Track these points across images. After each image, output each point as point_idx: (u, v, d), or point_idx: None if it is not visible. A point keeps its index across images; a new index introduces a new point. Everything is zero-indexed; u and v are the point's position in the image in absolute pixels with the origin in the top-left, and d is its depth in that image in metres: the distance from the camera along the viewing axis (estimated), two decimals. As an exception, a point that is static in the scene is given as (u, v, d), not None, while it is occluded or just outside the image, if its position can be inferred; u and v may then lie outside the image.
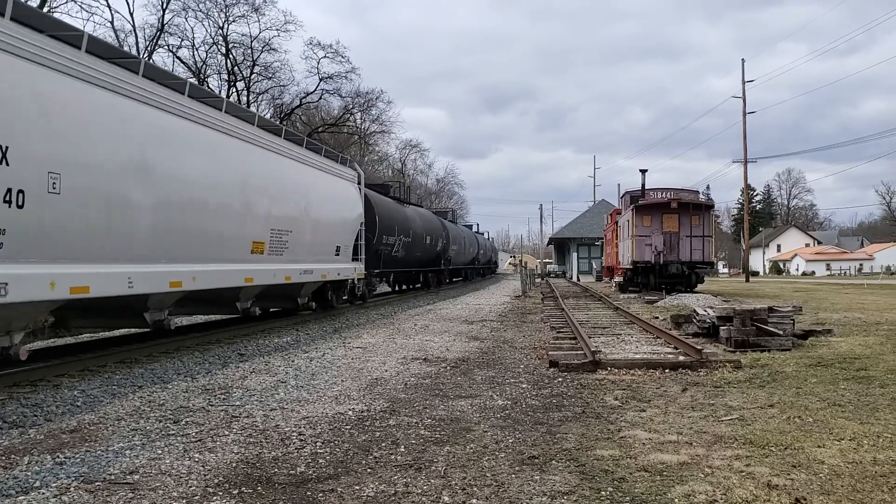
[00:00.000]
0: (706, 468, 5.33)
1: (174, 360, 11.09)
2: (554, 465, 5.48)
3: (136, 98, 10.19)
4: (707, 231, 29.03)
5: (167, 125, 10.92)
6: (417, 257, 31.29)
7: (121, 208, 9.60)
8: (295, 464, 5.56)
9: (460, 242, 43.67)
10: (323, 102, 50.01)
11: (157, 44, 39.08)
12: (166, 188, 10.70)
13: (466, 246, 46.94)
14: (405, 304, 24.93)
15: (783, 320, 12.61)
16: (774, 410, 7.31)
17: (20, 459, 5.70)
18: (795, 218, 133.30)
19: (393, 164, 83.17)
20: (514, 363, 10.80)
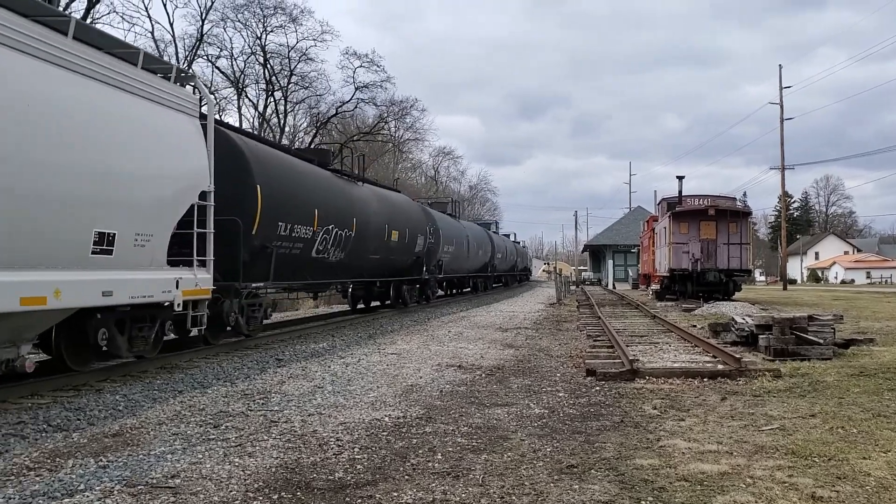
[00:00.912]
0: (748, 478, 5.25)
1: (213, 366, 11.22)
2: (593, 474, 5.45)
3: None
4: (745, 238, 28.67)
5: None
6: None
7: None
8: (333, 469, 5.59)
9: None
10: (358, 111, 50.33)
11: (197, 54, 39.63)
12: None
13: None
14: (438, 311, 24.95)
15: (823, 329, 12.42)
16: (816, 420, 7.20)
17: (65, 462, 5.81)
18: (834, 225, 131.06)
19: (426, 172, 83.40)
20: (550, 371, 10.75)
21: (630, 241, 64.26)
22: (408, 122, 57.23)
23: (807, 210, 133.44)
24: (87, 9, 29.72)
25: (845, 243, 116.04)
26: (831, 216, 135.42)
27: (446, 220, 31.61)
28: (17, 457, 5.99)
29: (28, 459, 5.90)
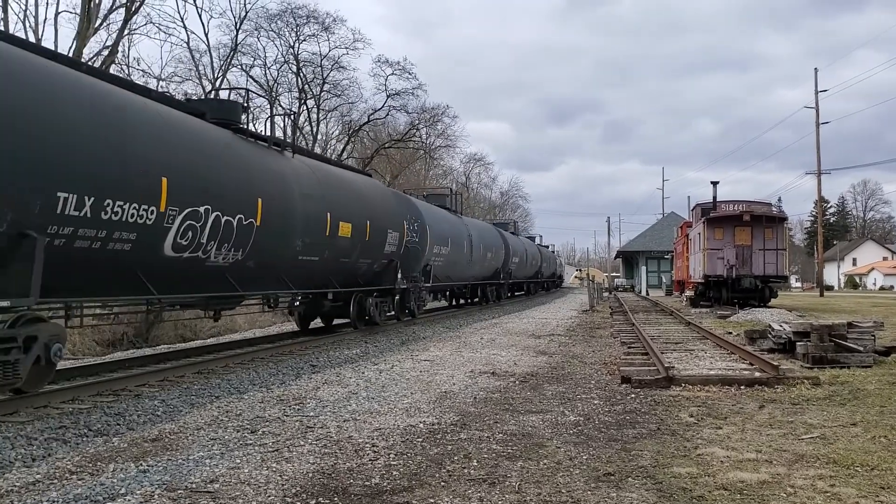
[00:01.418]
0: (788, 488, 5.18)
1: (249, 371, 11.32)
2: (630, 482, 5.41)
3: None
4: (780, 244, 28.28)
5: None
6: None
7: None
8: (370, 475, 5.61)
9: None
10: (390, 118, 50.42)
11: (231, 63, 40.09)
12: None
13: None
14: (470, 318, 24.93)
15: (863, 336, 12.22)
16: (857, 429, 7.08)
17: (105, 466, 5.90)
18: (872, 231, 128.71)
19: (457, 178, 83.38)
20: (584, 378, 10.70)
21: (663, 248, 63.67)
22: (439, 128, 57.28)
23: (844, 215, 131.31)
24: (125, 20, 30.21)
25: (884, 249, 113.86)
26: (869, 221, 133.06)
27: (439, 214, 24.77)
28: (60, 461, 6.10)
29: (70, 464, 6.00)
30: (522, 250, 42.67)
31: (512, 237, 40.99)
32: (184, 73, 39.04)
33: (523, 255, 42.51)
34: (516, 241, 41.90)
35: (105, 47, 30.66)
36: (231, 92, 26.94)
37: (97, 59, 29.88)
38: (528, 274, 46.73)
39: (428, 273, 22.61)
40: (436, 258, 23.30)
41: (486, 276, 32.80)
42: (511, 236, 40.98)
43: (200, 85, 38.69)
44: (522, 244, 44.76)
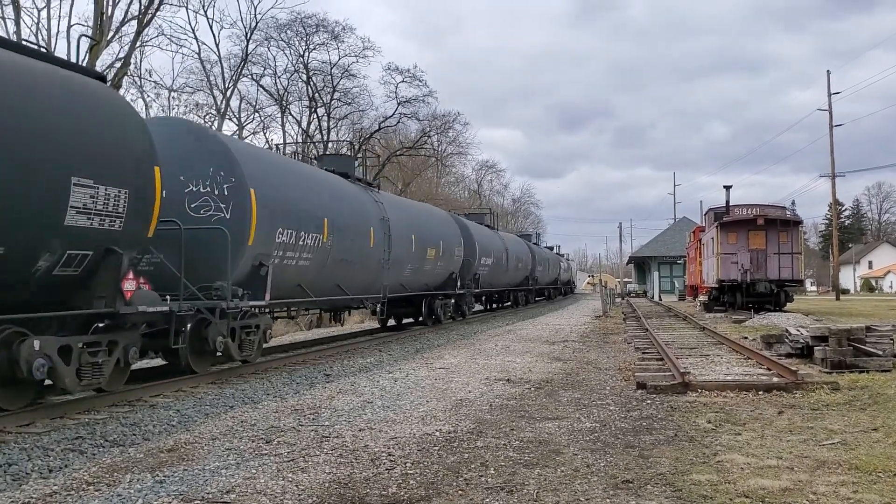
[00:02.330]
0: (811, 495, 5.11)
1: (263, 381, 11.31)
2: (649, 489, 5.35)
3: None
4: (795, 248, 28.09)
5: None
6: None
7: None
8: (386, 485, 5.58)
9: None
10: (401, 126, 50.62)
11: (242, 73, 40.30)
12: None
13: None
14: (485, 325, 24.89)
15: (882, 340, 12.11)
16: (879, 434, 6.99)
17: (122, 477, 5.89)
18: (888, 233, 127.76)
19: (469, 186, 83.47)
20: (599, 385, 10.63)
21: (675, 253, 63.42)
22: (450, 136, 57.45)
23: (859, 218, 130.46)
24: (138, 32, 30.43)
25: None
26: (884, 224, 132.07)
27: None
28: (77, 472, 6.10)
29: (87, 474, 5.99)
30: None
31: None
32: (195, 83, 39.28)
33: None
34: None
35: (118, 59, 30.92)
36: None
37: (110, 71, 30.10)
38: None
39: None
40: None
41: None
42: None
43: (211, 95, 38.91)
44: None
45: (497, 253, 30.76)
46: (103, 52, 28.92)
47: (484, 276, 28.43)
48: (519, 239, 41.26)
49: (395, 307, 20.91)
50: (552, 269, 52.01)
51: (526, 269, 38.74)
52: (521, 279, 38.33)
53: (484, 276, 28.50)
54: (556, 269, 54.75)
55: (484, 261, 27.92)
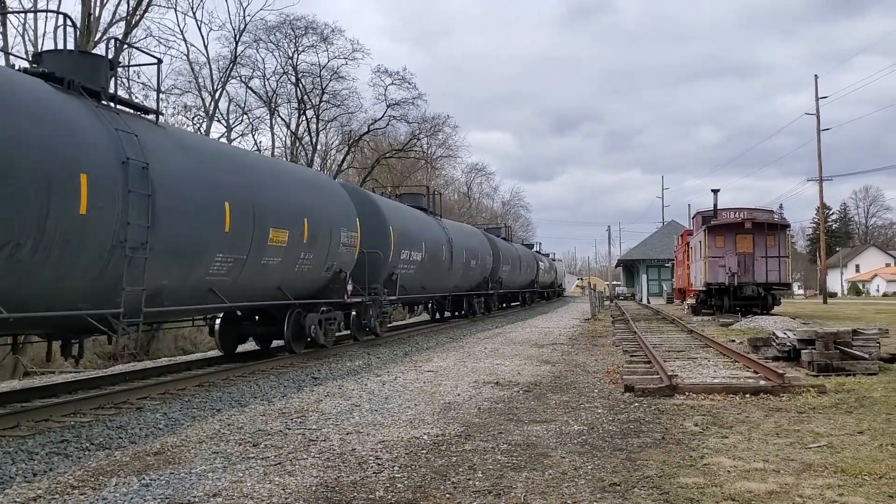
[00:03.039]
0: (797, 497, 5.13)
1: (250, 384, 11.27)
2: (636, 492, 5.36)
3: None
4: (783, 251, 28.23)
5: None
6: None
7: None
8: (374, 488, 5.56)
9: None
10: (390, 128, 50.52)
11: (230, 75, 40.14)
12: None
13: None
14: (473, 328, 24.89)
15: (868, 343, 12.16)
16: (865, 437, 7.03)
17: (108, 481, 5.85)
18: (874, 237, 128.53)
19: (459, 188, 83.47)
20: (587, 387, 10.64)
21: (664, 256, 63.62)
22: (440, 138, 57.46)
23: (846, 222, 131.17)
24: (125, 33, 30.26)
25: (887, 255, 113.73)
26: (871, 228, 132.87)
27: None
28: (62, 475, 6.05)
29: (72, 478, 5.95)
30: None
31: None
32: (183, 85, 39.08)
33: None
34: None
35: (105, 60, 30.71)
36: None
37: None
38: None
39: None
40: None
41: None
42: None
43: (200, 97, 38.75)
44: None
45: (434, 245, 24.83)
46: (91, 54, 28.75)
47: (409, 276, 22.26)
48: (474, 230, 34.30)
49: (246, 324, 15.47)
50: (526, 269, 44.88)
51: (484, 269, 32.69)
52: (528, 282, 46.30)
53: (409, 277, 22.34)
54: (532, 270, 47.56)
55: (408, 255, 21.78)
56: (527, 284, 47.04)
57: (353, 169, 51.38)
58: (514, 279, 40.87)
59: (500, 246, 35.89)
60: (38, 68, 9.56)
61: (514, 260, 40.14)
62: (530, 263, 47.30)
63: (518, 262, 41.49)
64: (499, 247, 35.25)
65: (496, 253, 34.04)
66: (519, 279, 42.73)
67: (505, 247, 38.13)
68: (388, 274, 19.17)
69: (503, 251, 36.27)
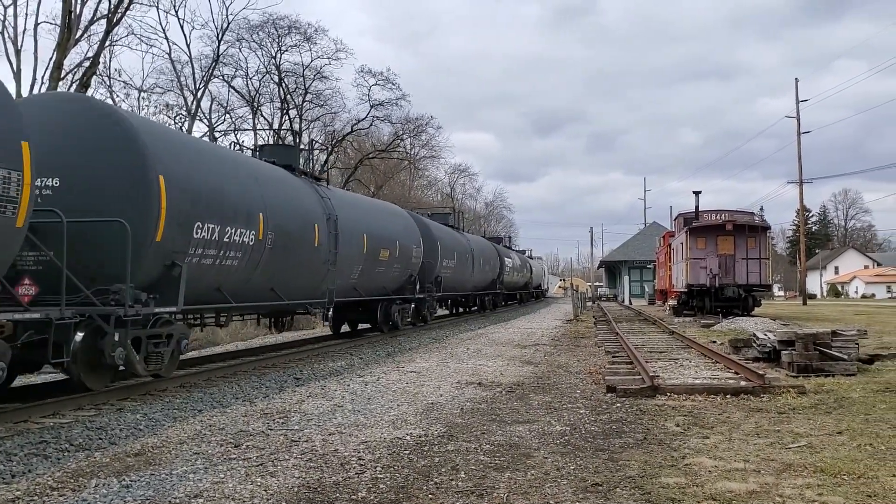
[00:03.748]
0: (777, 497, 5.17)
1: (232, 385, 11.21)
2: (618, 492, 5.38)
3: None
4: (763, 253, 28.44)
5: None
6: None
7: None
8: (356, 489, 5.55)
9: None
10: (373, 129, 50.44)
11: (213, 74, 39.92)
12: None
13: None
14: (456, 329, 24.89)
15: (847, 344, 12.27)
16: (844, 437, 7.09)
17: (88, 482, 5.80)
18: (853, 239, 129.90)
19: (442, 189, 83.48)
20: (570, 388, 10.67)
21: (646, 257, 63.96)
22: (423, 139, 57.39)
23: (825, 224, 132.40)
24: (107, 31, 30.04)
25: (865, 257, 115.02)
26: (850, 230, 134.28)
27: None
28: (41, 476, 6.00)
29: (51, 479, 5.89)
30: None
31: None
32: (165, 84, 38.84)
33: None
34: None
35: (86, 58, 30.51)
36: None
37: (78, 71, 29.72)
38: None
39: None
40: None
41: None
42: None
43: (182, 96, 38.52)
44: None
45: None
46: (72, 52, 28.53)
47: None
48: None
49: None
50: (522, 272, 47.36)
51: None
52: (487, 283, 35.88)
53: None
54: (527, 273, 49.85)
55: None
56: (522, 286, 49.94)
57: (336, 169, 51.24)
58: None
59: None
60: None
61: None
62: (525, 267, 49.18)
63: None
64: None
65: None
66: (516, 281, 46.42)
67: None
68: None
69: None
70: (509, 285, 45.62)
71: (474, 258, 31.19)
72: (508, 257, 42.91)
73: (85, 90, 28.23)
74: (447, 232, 28.01)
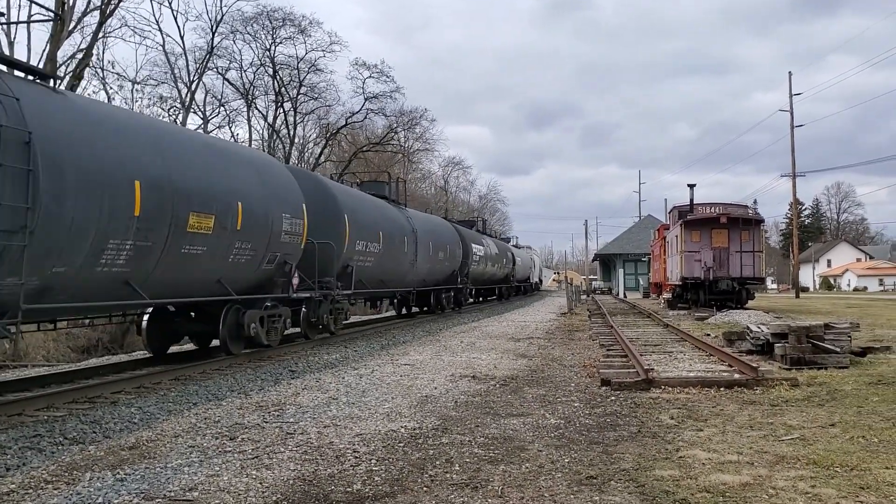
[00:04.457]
0: (770, 489, 5.20)
1: (227, 377, 11.21)
2: (613, 485, 5.40)
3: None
4: (757, 246, 28.53)
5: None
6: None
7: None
8: (351, 481, 5.56)
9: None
10: (368, 122, 50.34)
11: (207, 66, 39.78)
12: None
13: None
14: (450, 322, 24.91)
15: (840, 337, 12.32)
16: (836, 430, 7.13)
17: (82, 475, 5.79)
18: (846, 232, 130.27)
19: (436, 182, 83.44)
20: (564, 381, 10.70)
21: (640, 250, 64.08)
22: (417, 132, 57.36)
23: (818, 217, 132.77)
24: (100, 23, 29.90)
25: (857, 250, 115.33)
26: (843, 223, 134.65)
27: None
28: (35, 470, 5.99)
29: (46, 473, 5.89)
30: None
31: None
32: (159, 76, 38.69)
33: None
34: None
35: (79, 50, 30.36)
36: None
37: (71, 63, 29.57)
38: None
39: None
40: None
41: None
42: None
43: (176, 88, 38.37)
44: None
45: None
46: (65, 44, 28.39)
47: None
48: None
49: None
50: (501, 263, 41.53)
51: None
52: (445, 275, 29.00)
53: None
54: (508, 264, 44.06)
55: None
56: (502, 279, 43.90)
57: (330, 162, 51.17)
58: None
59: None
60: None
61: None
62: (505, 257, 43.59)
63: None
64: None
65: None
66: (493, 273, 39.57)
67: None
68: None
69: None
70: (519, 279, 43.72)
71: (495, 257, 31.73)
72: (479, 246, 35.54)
73: (78, 82, 28.12)
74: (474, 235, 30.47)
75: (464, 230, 33.82)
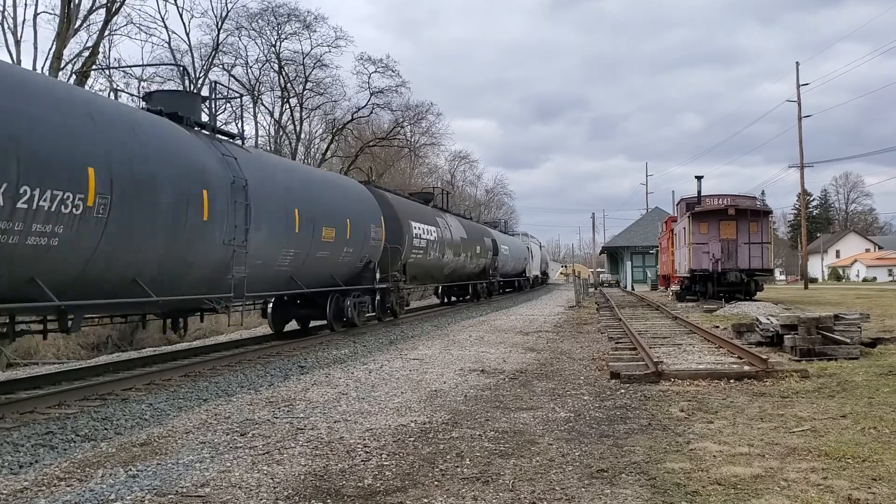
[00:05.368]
0: (782, 481, 5.19)
1: (237, 373, 11.25)
2: (624, 478, 5.40)
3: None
4: (765, 238, 28.44)
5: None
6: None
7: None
8: (362, 476, 5.57)
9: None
10: (374, 117, 50.26)
11: (213, 63, 39.82)
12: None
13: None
14: (458, 316, 24.91)
15: (849, 328, 12.29)
16: (847, 421, 7.11)
17: (94, 472, 5.82)
18: (854, 223, 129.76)
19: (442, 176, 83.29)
20: (573, 374, 10.69)
21: (648, 243, 63.89)
22: (423, 126, 57.22)
23: (826, 208, 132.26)
24: (106, 21, 29.95)
25: (866, 241, 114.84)
26: (851, 213, 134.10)
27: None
28: (48, 467, 6.03)
29: (58, 470, 5.92)
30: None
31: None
32: (165, 73, 38.69)
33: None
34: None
35: (86, 48, 30.43)
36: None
37: (78, 61, 29.64)
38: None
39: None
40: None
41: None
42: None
43: (182, 85, 38.37)
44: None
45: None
46: (71, 41, 28.45)
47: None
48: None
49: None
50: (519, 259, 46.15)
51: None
52: (479, 270, 32.90)
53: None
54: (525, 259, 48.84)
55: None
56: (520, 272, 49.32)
57: (336, 158, 51.17)
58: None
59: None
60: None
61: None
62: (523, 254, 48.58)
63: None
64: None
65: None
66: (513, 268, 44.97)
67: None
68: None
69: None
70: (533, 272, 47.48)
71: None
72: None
73: (85, 80, 28.17)
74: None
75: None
